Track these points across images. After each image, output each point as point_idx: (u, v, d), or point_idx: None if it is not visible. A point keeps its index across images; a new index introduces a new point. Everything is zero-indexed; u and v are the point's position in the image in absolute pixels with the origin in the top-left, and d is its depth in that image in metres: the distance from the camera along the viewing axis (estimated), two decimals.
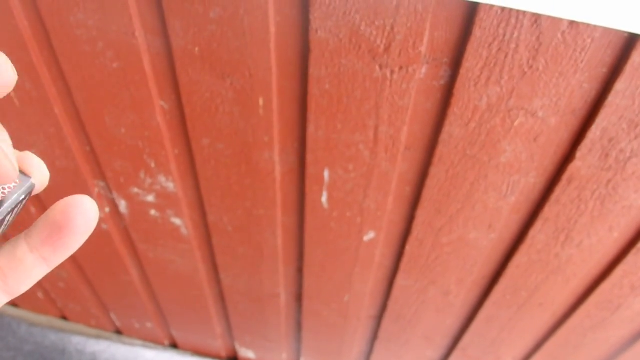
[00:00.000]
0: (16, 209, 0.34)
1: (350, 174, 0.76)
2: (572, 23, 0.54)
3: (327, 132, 0.71)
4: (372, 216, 0.83)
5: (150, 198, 0.93)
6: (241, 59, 0.66)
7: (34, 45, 0.72)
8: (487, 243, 0.83)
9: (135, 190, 0.92)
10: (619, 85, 0.58)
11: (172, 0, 0.62)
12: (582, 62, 0.58)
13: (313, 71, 0.65)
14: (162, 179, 0.87)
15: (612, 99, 0.60)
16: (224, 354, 1.49)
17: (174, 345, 1.56)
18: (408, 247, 0.87)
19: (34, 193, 0.35)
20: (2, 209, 0.32)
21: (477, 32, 0.57)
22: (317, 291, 1.06)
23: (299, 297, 1.12)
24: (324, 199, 0.82)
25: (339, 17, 0.59)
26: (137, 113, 0.77)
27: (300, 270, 1.03)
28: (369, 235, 0.87)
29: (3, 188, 0.32)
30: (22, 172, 0.33)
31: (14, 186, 0.33)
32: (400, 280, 0.96)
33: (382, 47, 0.61)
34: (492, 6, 0.55)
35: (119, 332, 1.58)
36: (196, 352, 1.54)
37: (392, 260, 0.94)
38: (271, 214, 0.89)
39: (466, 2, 0.55)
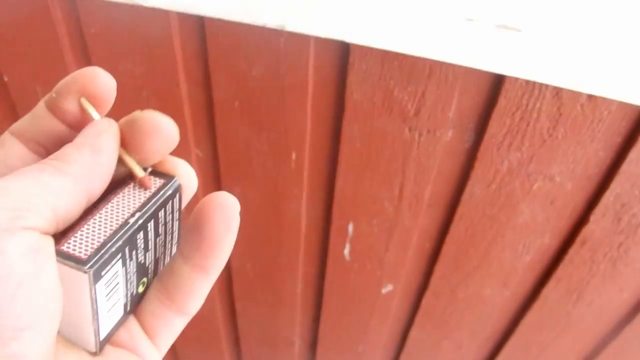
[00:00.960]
0: (165, 214, 0.33)
1: (373, 228, 0.80)
2: (590, 96, 0.58)
3: (355, 188, 0.75)
4: (391, 269, 0.86)
5: None
6: (278, 115, 0.70)
7: None
8: (501, 300, 0.86)
9: None
10: (633, 154, 0.62)
11: (219, 56, 0.67)
12: (598, 132, 0.61)
13: (346, 130, 0.69)
14: None
15: (626, 166, 0.63)
16: None
17: None
18: (424, 301, 0.90)
19: (184, 199, 0.34)
20: (154, 204, 0.31)
21: (502, 101, 0.61)
22: (332, 340, 1.08)
23: (313, 346, 1.14)
24: (347, 251, 0.85)
25: (374, 81, 0.63)
26: None
27: (317, 319, 1.05)
28: (387, 288, 0.90)
29: (144, 192, 0.32)
30: (164, 173, 0.33)
31: (157, 188, 0.32)
32: (414, 333, 0.98)
33: (413, 111, 0.65)
34: (517, 78, 0.59)
35: None
36: None
37: (408, 313, 0.96)
38: (294, 263, 0.91)
39: (493, 73, 0.60)
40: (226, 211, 0.33)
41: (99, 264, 0.28)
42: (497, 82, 0.60)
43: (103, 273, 0.29)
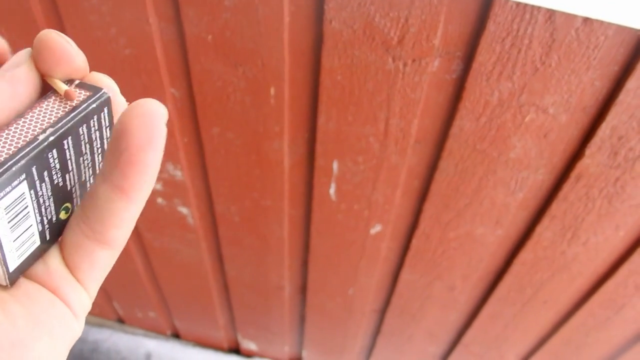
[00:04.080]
0: (90, 130, 0.30)
1: (359, 166, 0.77)
2: (586, 20, 0.55)
3: (338, 124, 0.72)
4: (379, 209, 0.83)
5: (158, 186, 0.93)
6: (254, 48, 0.66)
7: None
8: (493, 239, 0.83)
9: None
10: (630, 84, 0.59)
11: None
12: (594, 59, 0.58)
13: (325, 62, 0.65)
14: (170, 167, 0.88)
15: (623, 97, 0.60)
16: (226, 345, 1.49)
17: (176, 336, 1.56)
18: (414, 241, 0.88)
19: (114, 111, 0.31)
20: (72, 119, 0.28)
21: (491, 26, 0.57)
22: (322, 284, 1.07)
23: (303, 290, 1.13)
24: (332, 191, 0.82)
25: (354, 8, 0.59)
26: None
27: (305, 263, 1.03)
28: (376, 229, 0.88)
29: (71, 102, 0.29)
30: (92, 85, 0.31)
31: (82, 98, 0.29)
32: (405, 275, 0.96)
33: (396, 39, 0.61)
34: (506, 1, 0.55)
35: (121, 320, 1.58)
36: (198, 343, 1.54)
37: (398, 253, 0.94)
38: (278, 205, 0.89)
39: None
40: (148, 119, 0.28)
41: None
42: (486, 5, 0.56)
43: (1, 195, 0.26)
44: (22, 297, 0.29)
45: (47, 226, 0.30)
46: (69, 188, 0.30)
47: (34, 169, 0.27)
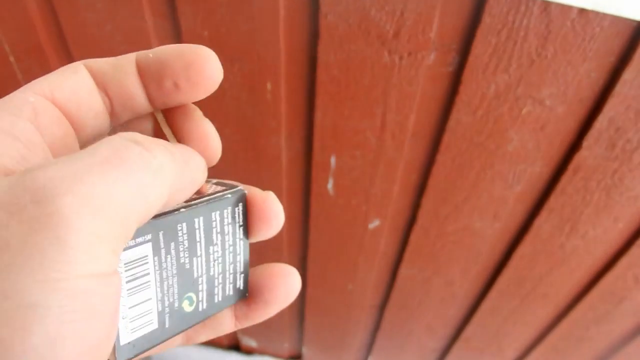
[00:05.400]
0: (222, 219, 0.30)
1: (356, 160, 0.76)
2: (581, 11, 0.54)
3: (335, 119, 0.71)
4: (377, 204, 0.83)
5: None
6: (250, 43, 0.66)
7: (42, 27, 0.72)
8: (491, 233, 0.83)
9: None
10: (627, 75, 0.58)
11: None
12: (590, 50, 0.58)
13: (322, 56, 0.65)
14: None
15: (620, 88, 0.60)
16: (225, 342, 1.49)
17: None
18: (413, 236, 0.88)
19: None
20: (205, 200, 0.29)
21: (486, 19, 0.57)
22: (321, 280, 1.07)
23: (302, 286, 1.13)
24: (330, 185, 0.82)
25: (349, 2, 0.59)
26: None
27: (304, 259, 1.03)
28: (374, 223, 0.88)
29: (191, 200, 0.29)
30: (226, 182, 0.32)
31: (214, 191, 0.30)
32: (404, 270, 0.96)
33: (392, 32, 0.61)
34: None
35: None
36: None
37: (397, 248, 0.94)
38: None
39: None
40: (292, 290, 0.33)
41: None
42: None
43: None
44: None
45: (167, 310, 0.29)
46: (195, 275, 0.30)
47: (160, 235, 0.27)
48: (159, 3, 0.66)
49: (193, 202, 0.28)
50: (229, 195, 0.30)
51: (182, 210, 0.28)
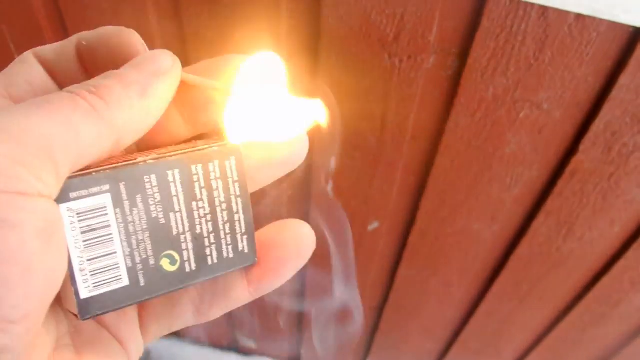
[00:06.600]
0: (206, 172, 0.29)
1: (356, 162, 0.77)
2: (578, 16, 0.55)
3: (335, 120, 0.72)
4: (376, 205, 0.84)
5: None
6: (252, 44, 0.67)
7: (47, 26, 0.73)
8: (489, 234, 0.84)
9: None
10: (623, 79, 0.59)
11: None
12: (587, 55, 0.59)
13: (322, 58, 0.66)
14: None
15: (616, 92, 0.61)
16: (225, 342, 1.50)
17: (175, 333, 1.57)
18: (411, 238, 0.88)
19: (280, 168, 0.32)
20: (182, 152, 0.28)
21: (485, 23, 0.58)
22: (320, 282, 1.07)
23: (301, 292, 1.13)
24: (329, 188, 0.83)
25: (350, 5, 0.60)
26: None
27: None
28: (373, 225, 0.88)
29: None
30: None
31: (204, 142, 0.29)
32: (402, 271, 0.97)
33: (392, 35, 0.61)
34: None
35: None
36: (197, 340, 1.54)
37: (395, 250, 0.95)
38: (277, 203, 0.89)
39: None
40: (302, 243, 0.31)
41: (71, 181, 0.24)
42: (480, 1, 0.57)
43: (74, 195, 0.24)
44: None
45: (139, 267, 0.27)
46: (174, 232, 0.28)
47: (122, 185, 0.26)
48: (163, 3, 0.67)
49: (166, 153, 0.27)
50: (216, 148, 0.29)
51: (150, 161, 0.26)
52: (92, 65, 0.28)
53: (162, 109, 0.26)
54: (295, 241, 0.31)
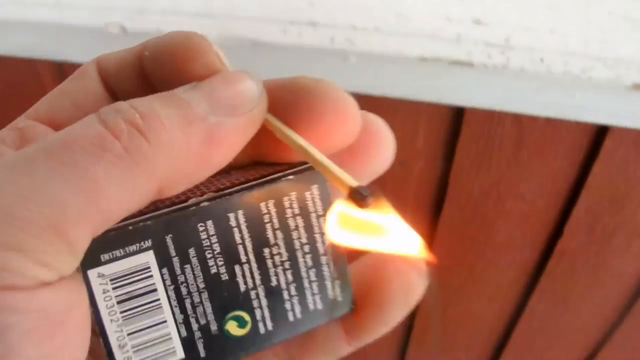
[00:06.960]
0: (286, 205, 0.23)
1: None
2: (548, 120, 0.61)
3: None
4: None
5: None
6: None
7: None
8: (490, 314, 0.87)
9: None
10: (596, 168, 0.64)
11: None
12: (560, 151, 0.64)
13: None
14: None
15: (592, 179, 0.66)
16: None
17: None
18: (417, 322, 0.91)
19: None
20: (247, 188, 0.22)
21: (465, 130, 0.64)
22: None
23: None
24: None
25: None
26: None
27: None
28: None
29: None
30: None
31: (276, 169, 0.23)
32: (411, 354, 0.99)
33: None
34: (476, 109, 0.61)
35: None
36: None
37: (402, 336, 0.97)
38: None
39: (454, 106, 0.62)
40: (408, 284, 0.24)
41: (101, 239, 0.19)
42: (459, 112, 0.63)
43: (105, 258, 0.20)
44: None
45: (198, 334, 0.22)
46: (242, 289, 0.23)
47: (168, 239, 0.21)
48: None
49: (226, 190, 0.22)
50: (291, 177, 0.23)
51: (205, 203, 0.21)
52: (158, 82, 0.22)
53: (227, 159, 0.20)
54: (400, 282, 0.24)
